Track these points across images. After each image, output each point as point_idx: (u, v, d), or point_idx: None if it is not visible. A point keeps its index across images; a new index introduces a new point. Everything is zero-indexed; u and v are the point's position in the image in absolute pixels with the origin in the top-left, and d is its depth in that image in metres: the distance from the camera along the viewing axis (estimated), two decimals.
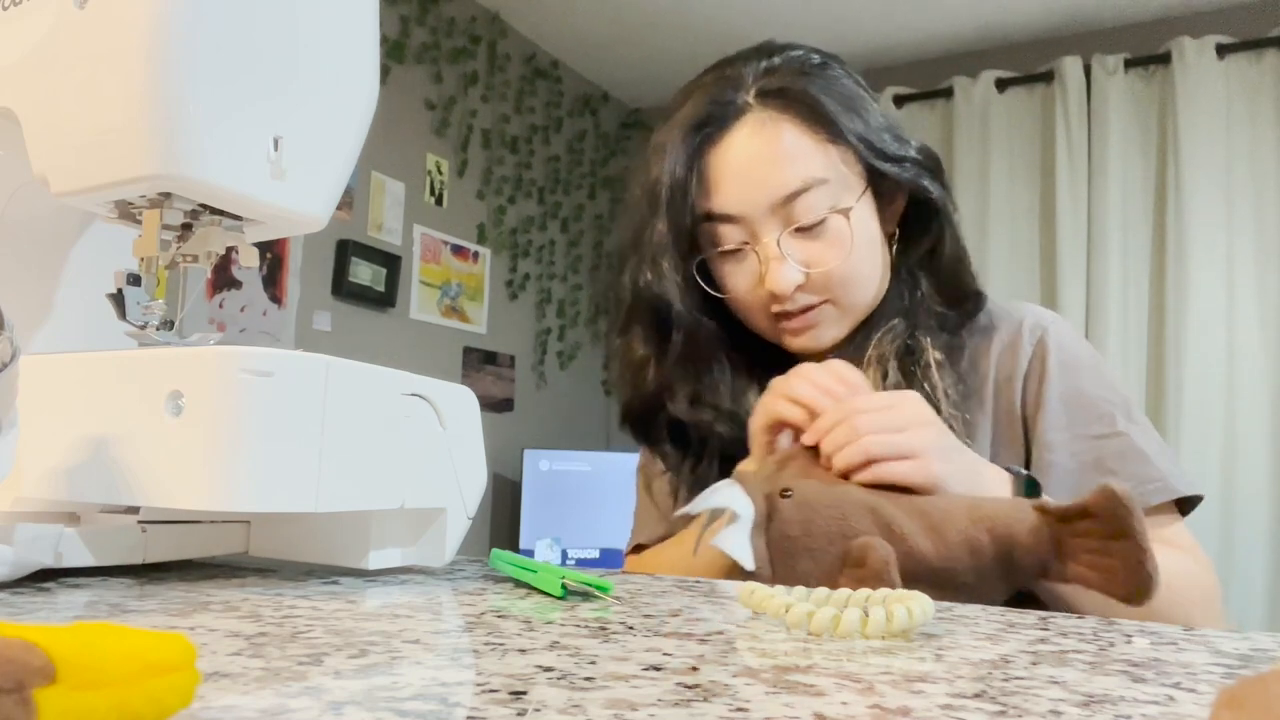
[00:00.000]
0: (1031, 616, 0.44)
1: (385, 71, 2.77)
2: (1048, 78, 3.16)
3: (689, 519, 0.65)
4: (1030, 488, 0.65)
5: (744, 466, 0.70)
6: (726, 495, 0.60)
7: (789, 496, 0.59)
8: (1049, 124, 3.15)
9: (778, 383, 0.68)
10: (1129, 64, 3.06)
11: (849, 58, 0.84)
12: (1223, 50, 2.93)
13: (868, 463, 0.60)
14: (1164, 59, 3.01)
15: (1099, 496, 0.52)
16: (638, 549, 0.86)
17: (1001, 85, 3.23)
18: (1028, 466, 0.75)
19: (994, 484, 0.64)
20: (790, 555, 0.58)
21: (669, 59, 3.52)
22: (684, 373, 0.79)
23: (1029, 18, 3.15)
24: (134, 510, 0.50)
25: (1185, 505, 0.74)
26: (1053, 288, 3.08)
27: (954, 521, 0.56)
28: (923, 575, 0.54)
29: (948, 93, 3.30)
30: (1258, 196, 2.89)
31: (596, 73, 3.70)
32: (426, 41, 2.98)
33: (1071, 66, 3.09)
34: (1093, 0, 3.04)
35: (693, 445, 0.80)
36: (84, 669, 0.18)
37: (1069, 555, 0.54)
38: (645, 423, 0.82)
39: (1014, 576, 0.56)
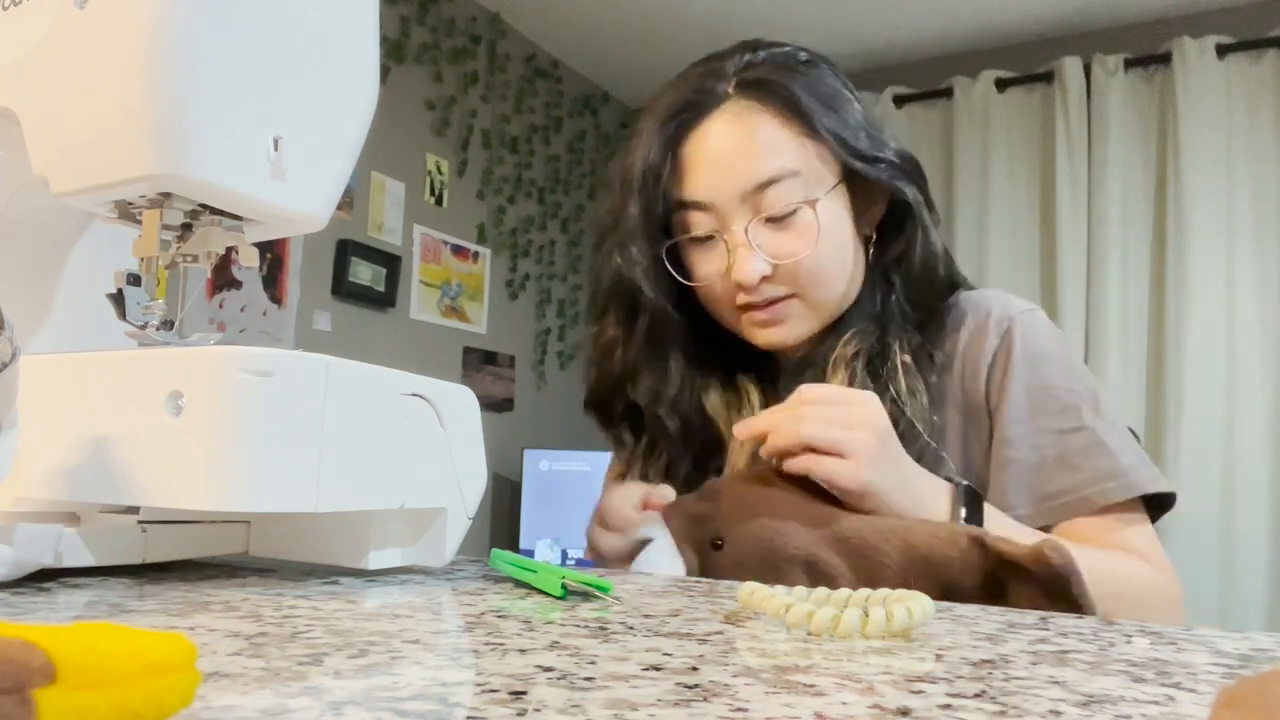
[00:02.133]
0: (1031, 616, 0.44)
1: (385, 71, 2.77)
2: (1048, 78, 3.16)
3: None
4: (970, 500, 0.65)
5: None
6: (657, 553, 0.60)
7: (720, 548, 0.59)
8: (1049, 124, 3.15)
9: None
10: (1129, 64, 3.06)
11: (849, 58, 0.85)
12: (1223, 50, 2.93)
13: (802, 449, 0.60)
14: (1164, 59, 3.01)
15: (1035, 559, 0.51)
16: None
17: (1001, 85, 3.23)
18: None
19: (930, 497, 0.64)
20: None
21: (669, 59, 3.51)
22: (647, 359, 0.79)
23: (1029, 18, 3.15)
24: (134, 510, 0.50)
25: (1158, 509, 0.72)
26: (1053, 288, 3.08)
27: (891, 567, 0.56)
28: None
29: (948, 93, 3.30)
30: (1258, 196, 2.89)
31: (596, 73, 3.69)
32: (426, 41, 2.98)
33: (1071, 66, 3.09)
34: (1093, 0, 3.04)
35: (649, 433, 0.80)
36: (84, 669, 0.18)
37: (1006, 597, 0.53)
38: (606, 406, 0.83)
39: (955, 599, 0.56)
